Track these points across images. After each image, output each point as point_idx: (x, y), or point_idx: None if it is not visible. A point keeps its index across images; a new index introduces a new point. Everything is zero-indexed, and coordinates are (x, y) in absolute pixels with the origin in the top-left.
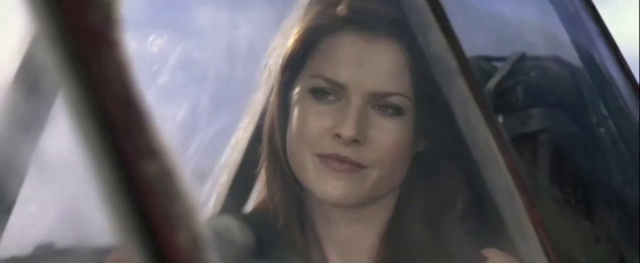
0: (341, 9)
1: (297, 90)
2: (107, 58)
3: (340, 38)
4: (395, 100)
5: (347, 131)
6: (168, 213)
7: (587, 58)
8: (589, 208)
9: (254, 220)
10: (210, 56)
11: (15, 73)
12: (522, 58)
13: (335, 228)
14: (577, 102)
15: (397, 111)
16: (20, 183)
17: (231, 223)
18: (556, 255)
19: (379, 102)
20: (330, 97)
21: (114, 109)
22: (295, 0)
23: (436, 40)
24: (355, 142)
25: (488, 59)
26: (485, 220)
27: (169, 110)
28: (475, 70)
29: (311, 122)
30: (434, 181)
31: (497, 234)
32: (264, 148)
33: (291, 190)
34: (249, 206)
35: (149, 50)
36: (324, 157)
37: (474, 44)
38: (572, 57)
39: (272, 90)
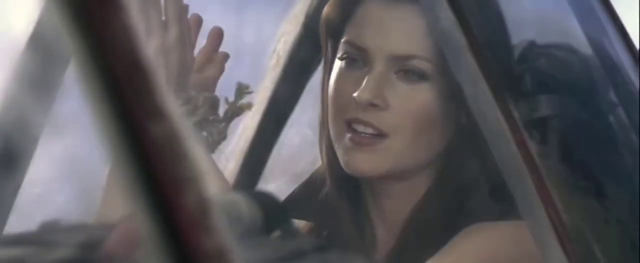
0: None
1: (336, 57)
2: (115, 20)
3: (368, 4)
4: (418, 63)
5: (364, 93)
6: (175, 176)
7: (597, 45)
8: (599, 191)
9: (262, 196)
10: None
11: (28, 38)
12: (531, 45)
13: (379, 200)
14: (586, 89)
15: (421, 76)
16: (34, 148)
17: (238, 199)
18: (565, 234)
19: (402, 67)
20: (358, 63)
21: (121, 71)
22: None
23: (445, 16)
24: (374, 106)
25: None
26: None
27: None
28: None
29: (340, 87)
30: (472, 155)
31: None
32: (319, 118)
33: (335, 159)
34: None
35: None
36: (349, 124)
37: None
38: (582, 44)
39: (280, 75)
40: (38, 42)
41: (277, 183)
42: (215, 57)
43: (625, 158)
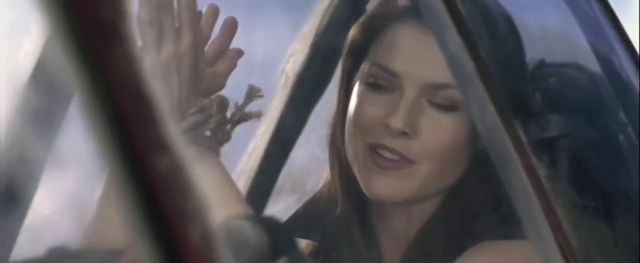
0: (402, 0)
1: (357, 78)
2: (118, 52)
3: (399, 28)
4: (451, 93)
5: (396, 122)
6: (180, 209)
7: (606, 64)
8: (608, 213)
9: (268, 222)
10: None
11: (31, 73)
12: (541, 64)
13: (387, 218)
14: (596, 108)
15: (453, 105)
16: (36, 184)
17: (244, 225)
18: (574, 258)
19: (434, 96)
20: (386, 87)
21: (126, 103)
22: (311, 7)
23: (453, 41)
24: (404, 134)
25: None
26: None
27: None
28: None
29: (365, 110)
30: (481, 179)
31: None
32: (329, 137)
33: (349, 180)
34: (267, 212)
35: None
36: (373, 148)
37: None
38: (591, 62)
39: (289, 95)
40: (40, 77)
41: (287, 202)
42: (228, 52)
43: (635, 179)
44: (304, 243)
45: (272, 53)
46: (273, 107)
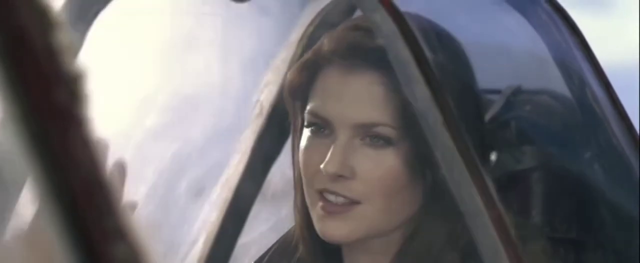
0: (324, 43)
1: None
2: (74, 137)
3: (328, 72)
4: (382, 130)
5: (330, 167)
6: None
7: (579, 93)
8: (579, 255)
9: None
10: (201, 92)
11: None
12: (517, 91)
13: (355, 256)
14: (570, 137)
15: (387, 141)
16: None
17: None
18: None
19: (366, 135)
20: (324, 132)
21: (80, 190)
22: (285, 38)
23: (421, 94)
24: (341, 177)
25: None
26: None
27: (159, 147)
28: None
29: (308, 157)
30: (443, 213)
31: None
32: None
33: (310, 223)
34: (241, 242)
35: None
36: (320, 193)
37: None
38: (565, 91)
39: (262, 126)
40: None
41: (260, 230)
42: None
43: (607, 215)
44: None
45: (246, 83)
46: (247, 137)
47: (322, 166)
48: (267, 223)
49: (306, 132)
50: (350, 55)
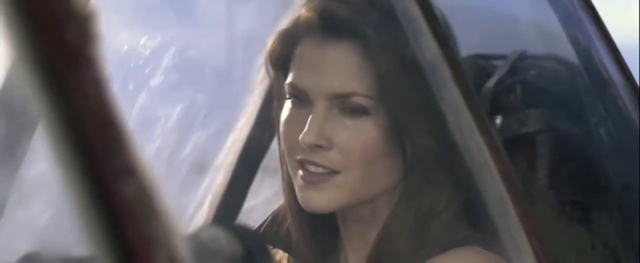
0: (302, 14)
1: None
2: (85, 76)
3: (304, 43)
4: (358, 100)
5: (308, 138)
6: (146, 235)
7: (586, 58)
8: (586, 213)
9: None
10: (206, 55)
11: None
12: (522, 56)
13: (348, 225)
14: (576, 102)
15: (363, 111)
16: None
17: (218, 234)
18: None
19: (343, 104)
20: (303, 103)
21: (92, 128)
22: (290, 1)
23: (429, 47)
24: (319, 147)
25: (486, 58)
26: (484, 223)
27: (165, 110)
28: (469, 77)
29: (288, 128)
30: (430, 181)
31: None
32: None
33: (294, 192)
34: (246, 206)
35: (143, 50)
36: (301, 164)
37: (471, 43)
38: (571, 56)
39: (267, 90)
40: (4, 103)
41: (265, 195)
42: None
43: (612, 177)
44: (277, 254)
45: (252, 46)
46: (253, 101)
47: (300, 137)
48: (272, 189)
49: (287, 103)
50: (326, 25)
